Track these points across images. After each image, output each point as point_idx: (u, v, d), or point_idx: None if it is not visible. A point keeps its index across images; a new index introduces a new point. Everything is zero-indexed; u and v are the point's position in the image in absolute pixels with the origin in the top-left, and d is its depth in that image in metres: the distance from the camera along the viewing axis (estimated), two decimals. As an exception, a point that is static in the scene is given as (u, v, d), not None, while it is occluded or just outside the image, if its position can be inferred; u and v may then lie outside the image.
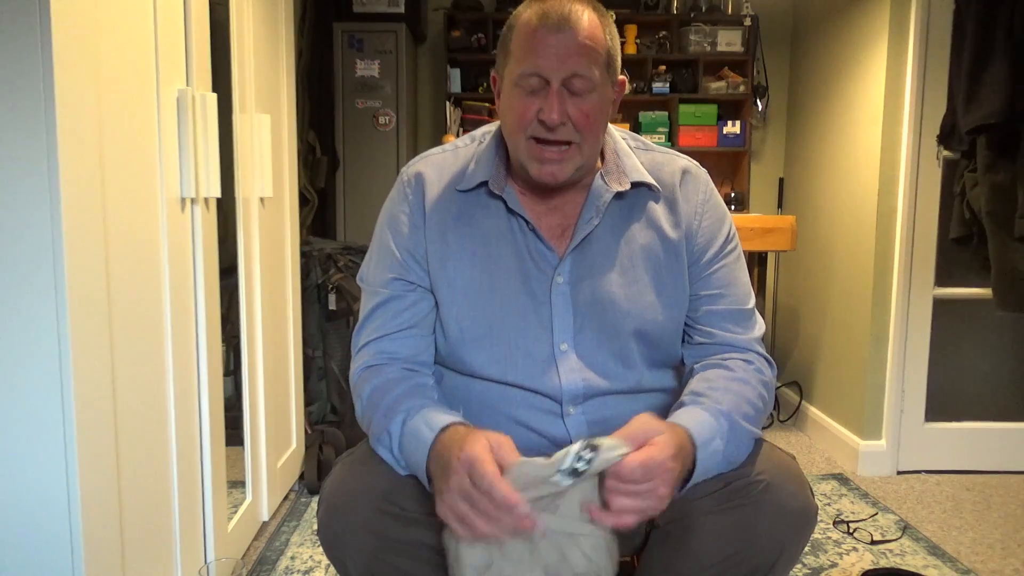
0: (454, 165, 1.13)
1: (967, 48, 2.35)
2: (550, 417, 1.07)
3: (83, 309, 1.11)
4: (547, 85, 0.98)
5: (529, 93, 0.99)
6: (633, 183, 1.08)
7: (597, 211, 1.07)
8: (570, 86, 0.98)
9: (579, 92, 0.99)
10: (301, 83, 3.05)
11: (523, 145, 1.02)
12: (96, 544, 1.15)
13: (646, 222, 1.10)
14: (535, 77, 0.98)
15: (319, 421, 2.74)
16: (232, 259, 1.93)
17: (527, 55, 0.99)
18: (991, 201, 2.34)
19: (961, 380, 2.68)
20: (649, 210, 1.10)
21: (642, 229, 1.09)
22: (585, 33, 0.98)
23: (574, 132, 1.00)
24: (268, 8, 2.13)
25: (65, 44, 1.05)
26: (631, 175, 1.08)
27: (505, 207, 1.08)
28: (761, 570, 0.98)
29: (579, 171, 1.05)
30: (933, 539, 2.14)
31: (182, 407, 1.51)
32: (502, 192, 1.07)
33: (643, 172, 1.10)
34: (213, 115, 1.57)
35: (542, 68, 0.98)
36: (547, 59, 0.97)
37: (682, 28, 3.66)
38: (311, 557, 1.96)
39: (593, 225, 1.07)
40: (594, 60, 0.99)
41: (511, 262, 1.07)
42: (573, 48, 0.97)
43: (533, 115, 0.99)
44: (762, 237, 2.48)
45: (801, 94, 3.44)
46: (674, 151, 1.17)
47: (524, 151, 1.02)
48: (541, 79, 0.98)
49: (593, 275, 1.08)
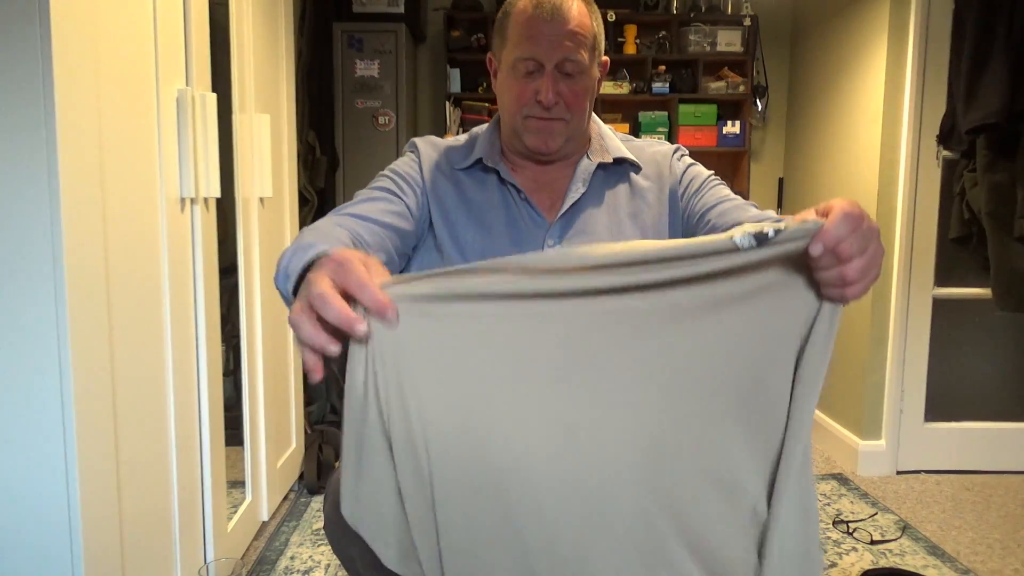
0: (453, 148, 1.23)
1: (967, 48, 2.36)
2: None
3: (83, 309, 1.11)
4: (542, 68, 1.10)
5: (525, 75, 1.11)
6: (616, 159, 1.19)
7: (583, 182, 1.17)
8: (562, 68, 1.09)
9: (570, 73, 1.10)
10: (301, 83, 3.05)
11: (520, 121, 1.13)
12: (96, 544, 1.15)
13: (630, 191, 1.20)
14: (531, 61, 1.09)
15: (319, 421, 2.74)
16: (232, 259, 1.93)
17: (523, 41, 1.09)
18: (991, 201, 2.34)
19: (960, 380, 2.68)
20: (633, 181, 1.21)
21: (627, 198, 1.19)
22: (575, 21, 1.09)
23: (566, 110, 1.12)
24: (268, 8, 2.13)
25: (65, 44, 1.05)
26: (613, 152, 1.20)
27: (498, 179, 1.18)
28: None
29: (568, 143, 1.16)
30: (933, 539, 2.14)
31: (182, 407, 1.51)
32: (496, 166, 1.17)
33: (624, 151, 1.21)
34: (213, 115, 1.57)
35: (537, 54, 1.09)
36: (541, 46, 1.08)
37: (682, 28, 3.66)
38: (311, 557, 1.96)
39: (580, 193, 1.16)
40: (583, 45, 1.10)
41: (504, 229, 1.15)
42: (565, 35, 1.08)
43: (530, 96, 1.10)
44: (762, 237, 2.48)
45: (801, 94, 3.44)
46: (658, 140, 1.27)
47: (521, 125, 1.14)
48: (536, 63, 1.09)
49: (582, 240, 1.14)
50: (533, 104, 1.11)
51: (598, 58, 1.15)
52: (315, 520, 2.19)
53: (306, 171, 3.16)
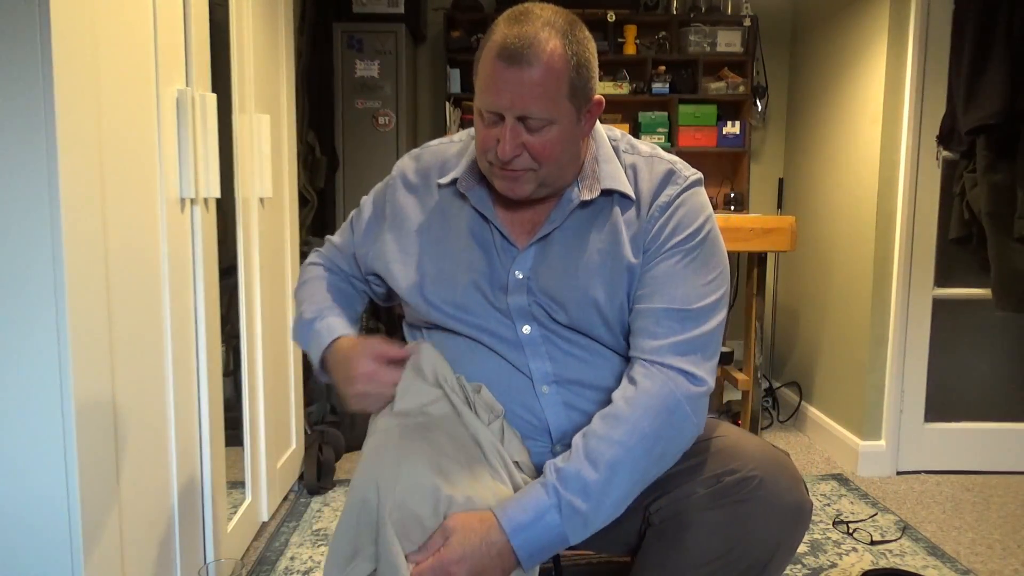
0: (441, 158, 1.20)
1: (967, 48, 2.36)
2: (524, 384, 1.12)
3: (83, 309, 1.11)
4: (502, 119, 1.01)
5: (489, 124, 1.02)
6: (604, 190, 1.10)
7: (561, 216, 1.10)
8: (526, 123, 1.01)
9: (534, 129, 1.01)
10: (301, 83, 3.05)
11: (486, 167, 1.08)
12: (96, 544, 1.15)
13: (609, 229, 1.10)
14: (491, 113, 1.01)
15: (319, 421, 2.73)
16: (232, 259, 1.93)
17: (485, 89, 1.01)
18: (990, 202, 2.34)
19: (960, 380, 2.68)
20: (614, 217, 1.11)
21: (602, 235, 1.10)
22: (542, 69, 0.97)
23: (531, 161, 1.03)
24: (268, 8, 2.13)
25: (65, 44, 1.05)
26: (604, 182, 1.10)
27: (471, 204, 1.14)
28: (757, 566, 0.98)
29: (542, 187, 1.07)
30: (933, 539, 2.14)
31: (182, 407, 1.51)
32: (469, 191, 1.13)
33: (617, 179, 1.10)
34: (213, 115, 1.57)
35: (496, 105, 1.00)
36: (501, 97, 0.99)
37: (682, 28, 3.66)
38: (311, 557, 1.96)
39: (553, 227, 1.10)
40: (550, 96, 0.99)
41: (475, 254, 1.13)
42: (527, 86, 0.98)
43: (492, 144, 1.02)
44: (761, 238, 2.48)
45: (800, 94, 3.44)
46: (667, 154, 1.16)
47: (487, 171, 1.09)
48: (497, 115, 1.01)
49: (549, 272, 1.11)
50: (495, 154, 1.03)
51: (581, 101, 1.03)
52: (315, 520, 2.19)
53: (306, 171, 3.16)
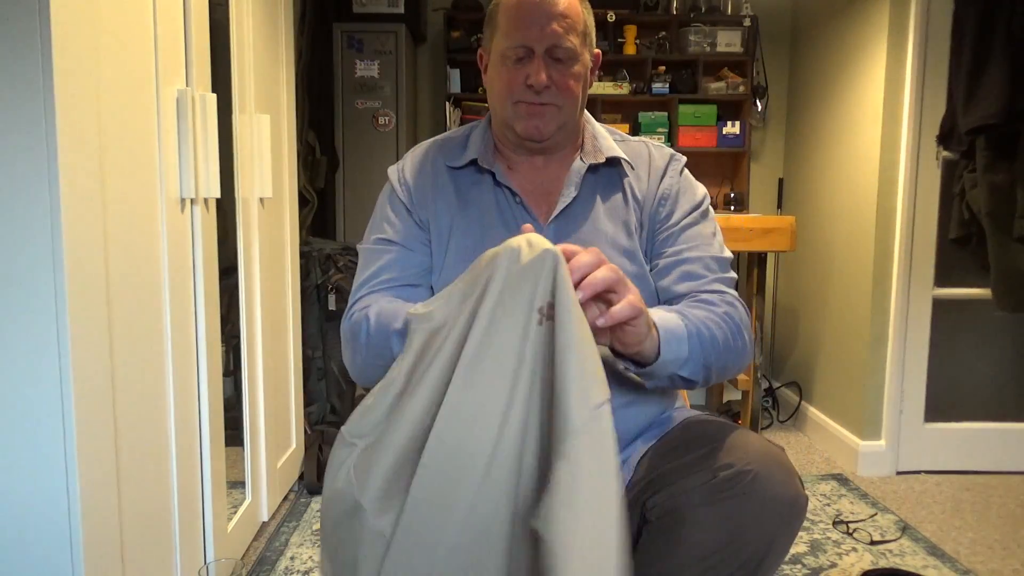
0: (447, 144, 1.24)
1: (966, 48, 2.36)
2: None
3: (83, 309, 1.11)
4: (532, 54, 1.11)
5: (516, 62, 1.12)
6: (608, 158, 1.19)
7: (575, 185, 1.17)
8: (552, 53, 1.11)
9: (561, 59, 1.11)
10: (301, 83, 3.05)
11: (511, 109, 1.14)
12: (96, 544, 1.15)
13: (621, 191, 1.20)
14: (521, 47, 1.11)
15: (319, 421, 2.73)
16: (232, 259, 1.93)
17: (512, 28, 1.11)
18: (990, 201, 2.34)
19: (960, 380, 2.68)
20: (624, 181, 1.21)
21: (616, 199, 1.20)
22: (563, 6, 1.11)
23: (557, 96, 1.12)
24: (268, 8, 2.13)
25: (65, 44, 1.05)
26: (606, 152, 1.20)
27: (493, 180, 1.18)
28: (753, 560, 0.99)
29: (560, 131, 1.16)
30: (932, 539, 2.14)
31: (182, 407, 1.51)
32: (491, 167, 1.18)
33: (617, 150, 1.21)
34: (213, 115, 1.57)
35: (527, 39, 1.10)
36: (531, 31, 1.10)
37: (682, 28, 3.66)
38: (311, 557, 1.96)
39: (571, 197, 1.17)
40: (572, 30, 1.11)
41: (500, 231, 1.15)
42: (554, 18, 1.10)
43: (521, 82, 1.11)
44: (761, 237, 2.48)
45: (800, 94, 3.44)
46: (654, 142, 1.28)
47: (512, 113, 1.14)
48: (527, 49, 1.11)
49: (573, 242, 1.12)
50: (524, 90, 1.12)
51: (590, 47, 1.17)
52: (315, 520, 2.19)
53: (306, 171, 3.16)
